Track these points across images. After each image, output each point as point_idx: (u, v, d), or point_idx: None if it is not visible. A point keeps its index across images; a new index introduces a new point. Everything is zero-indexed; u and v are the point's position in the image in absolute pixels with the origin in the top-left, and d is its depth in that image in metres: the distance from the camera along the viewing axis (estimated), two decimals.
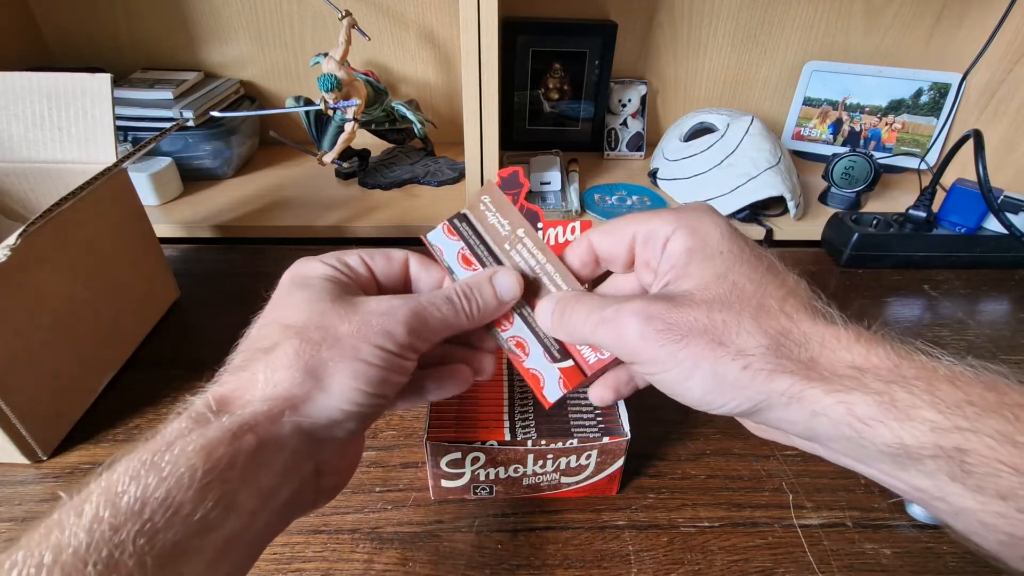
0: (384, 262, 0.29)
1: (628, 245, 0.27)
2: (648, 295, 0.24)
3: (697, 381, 0.22)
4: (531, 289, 0.29)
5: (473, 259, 0.30)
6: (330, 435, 0.24)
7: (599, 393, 0.29)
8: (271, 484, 0.22)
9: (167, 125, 0.52)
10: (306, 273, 0.27)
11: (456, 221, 0.30)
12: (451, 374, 0.30)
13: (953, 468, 0.18)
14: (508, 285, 0.28)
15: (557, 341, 0.29)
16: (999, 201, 0.62)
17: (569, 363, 0.28)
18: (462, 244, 0.30)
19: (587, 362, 0.28)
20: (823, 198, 0.78)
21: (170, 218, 0.69)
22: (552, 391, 0.28)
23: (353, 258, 0.28)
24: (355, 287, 0.27)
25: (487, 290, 0.28)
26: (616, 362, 0.28)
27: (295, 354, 0.23)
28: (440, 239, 0.30)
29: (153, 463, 0.19)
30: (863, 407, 0.19)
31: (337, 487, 0.27)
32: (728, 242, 0.24)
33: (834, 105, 0.88)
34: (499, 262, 0.29)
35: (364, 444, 0.30)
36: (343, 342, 0.24)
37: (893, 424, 0.19)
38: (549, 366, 0.28)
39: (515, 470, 0.37)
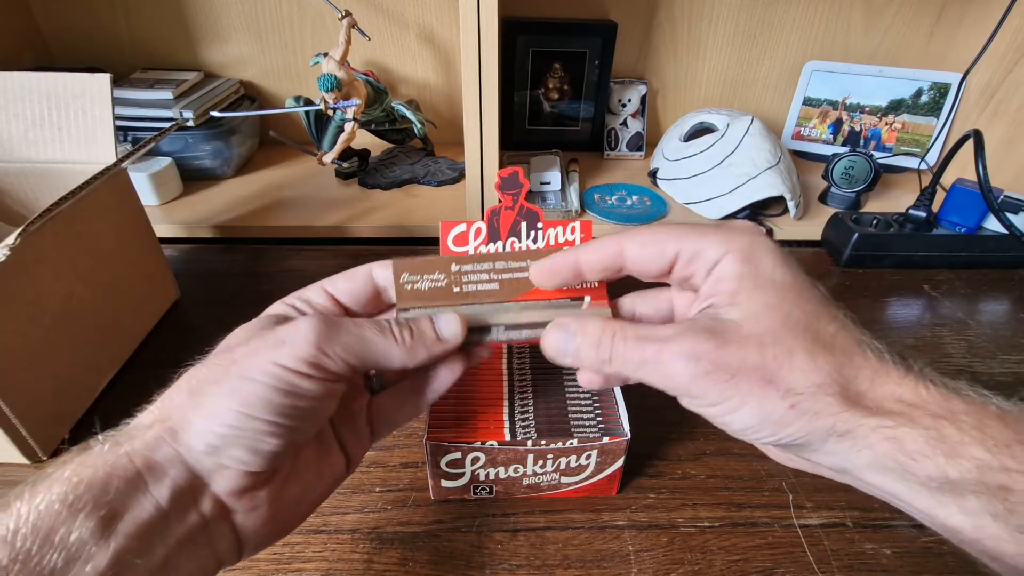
0: (346, 282, 0.28)
1: (670, 260, 0.24)
2: (688, 326, 0.23)
3: (741, 416, 0.22)
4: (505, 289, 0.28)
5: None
6: (216, 466, 0.22)
7: (587, 377, 0.27)
8: (152, 514, 0.21)
9: (167, 125, 0.52)
10: (260, 317, 0.26)
11: (401, 313, 0.28)
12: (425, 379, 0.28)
13: (996, 506, 0.18)
14: (449, 325, 0.26)
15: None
16: (999, 201, 0.62)
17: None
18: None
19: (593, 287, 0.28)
20: (823, 198, 0.78)
21: (170, 218, 0.69)
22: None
23: (312, 291, 0.27)
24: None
25: (425, 324, 0.26)
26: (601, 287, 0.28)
27: (186, 379, 0.23)
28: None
29: (31, 491, 0.19)
30: (911, 442, 0.19)
31: (271, 534, 0.25)
32: (782, 270, 0.23)
33: (834, 105, 0.88)
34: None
35: (314, 491, 0.27)
36: (234, 362, 0.23)
37: (940, 460, 0.19)
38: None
39: (515, 470, 0.37)
